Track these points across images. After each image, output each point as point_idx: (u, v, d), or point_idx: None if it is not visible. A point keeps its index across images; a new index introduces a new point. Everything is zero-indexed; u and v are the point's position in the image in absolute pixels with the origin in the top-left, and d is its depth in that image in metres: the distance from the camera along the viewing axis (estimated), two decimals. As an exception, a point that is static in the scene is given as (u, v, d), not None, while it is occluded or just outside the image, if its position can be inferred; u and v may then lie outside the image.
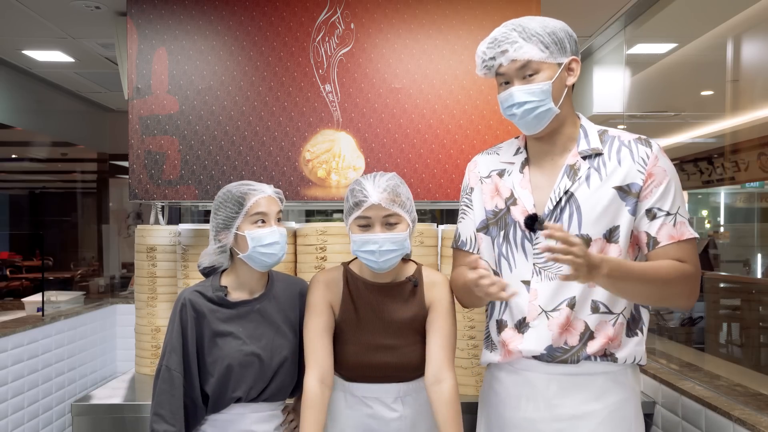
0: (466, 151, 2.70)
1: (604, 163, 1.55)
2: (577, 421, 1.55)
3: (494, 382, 1.70)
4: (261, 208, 1.73)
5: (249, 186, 1.76)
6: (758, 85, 3.94)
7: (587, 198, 1.53)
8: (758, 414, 1.76)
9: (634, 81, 4.06)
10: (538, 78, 1.52)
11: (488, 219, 1.69)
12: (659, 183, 1.52)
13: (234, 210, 1.73)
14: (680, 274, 1.49)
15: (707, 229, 7.27)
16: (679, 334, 4.49)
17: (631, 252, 1.56)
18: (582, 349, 1.54)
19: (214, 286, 1.77)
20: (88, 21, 3.32)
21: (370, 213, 1.65)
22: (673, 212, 1.51)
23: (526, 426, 1.60)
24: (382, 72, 2.71)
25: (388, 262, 1.67)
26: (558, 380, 1.57)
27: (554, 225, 1.34)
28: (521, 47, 1.51)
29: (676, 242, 1.50)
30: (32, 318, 3.05)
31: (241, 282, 1.79)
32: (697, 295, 1.53)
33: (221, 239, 1.75)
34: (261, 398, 1.74)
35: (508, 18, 1.63)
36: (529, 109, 1.53)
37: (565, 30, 1.55)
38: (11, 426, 2.67)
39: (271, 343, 1.76)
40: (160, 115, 2.71)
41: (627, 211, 1.52)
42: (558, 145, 1.61)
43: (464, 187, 1.78)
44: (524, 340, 1.58)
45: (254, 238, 1.71)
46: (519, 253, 1.60)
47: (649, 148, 1.54)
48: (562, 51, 1.53)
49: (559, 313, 1.55)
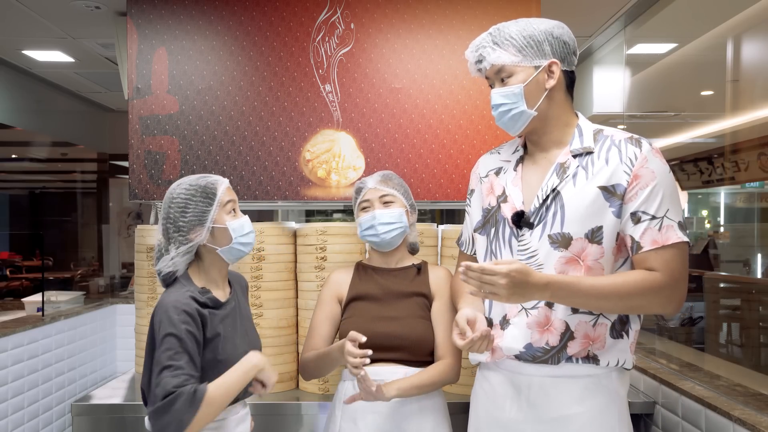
0: (466, 151, 2.70)
1: (592, 162, 1.54)
2: (558, 424, 1.54)
3: (483, 381, 1.70)
4: (230, 196, 1.68)
5: (210, 177, 1.68)
6: (758, 85, 3.94)
7: (572, 196, 1.52)
8: (758, 414, 1.76)
9: (634, 81, 4.06)
10: (511, 81, 1.55)
11: (483, 218, 1.70)
12: (645, 185, 1.48)
13: (206, 203, 1.63)
14: (646, 286, 1.45)
15: (707, 229, 7.27)
16: (679, 334, 4.49)
17: (617, 254, 1.54)
18: (563, 350, 1.53)
19: (196, 289, 1.63)
20: (88, 21, 3.32)
21: (369, 195, 1.94)
22: (660, 216, 1.47)
23: (511, 426, 1.60)
24: (382, 72, 2.71)
25: (388, 235, 1.90)
26: (539, 381, 1.56)
27: (469, 265, 1.38)
28: (493, 52, 1.55)
29: (660, 247, 1.47)
30: (32, 318, 3.05)
31: (211, 280, 1.69)
32: (677, 303, 1.49)
33: (192, 238, 1.62)
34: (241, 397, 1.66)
35: (507, 18, 1.65)
36: (503, 111, 1.57)
37: (548, 32, 1.54)
38: (11, 426, 2.67)
39: (252, 338, 1.74)
40: (160, 115, 2.71)
41: (611, 212, 1.50)
42: (546, 145, 1.61)
43: (468, 189, 1.83)
44: (504, 338, 1.59)
45: (235, 229, 1.65)
46: (506, 250, 1.61)
47: (639, 149, 1.51)
48: (539, 54, 1.53)
49: (537, 311, 1.54)
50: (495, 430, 1.64)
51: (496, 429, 1.63)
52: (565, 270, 1.52)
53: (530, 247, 1.55)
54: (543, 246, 1.53)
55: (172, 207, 1.64)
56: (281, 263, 2.40)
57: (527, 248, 1.56)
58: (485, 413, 1.67)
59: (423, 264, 2.00)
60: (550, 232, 1.53)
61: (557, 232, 1.52)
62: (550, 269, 1.52)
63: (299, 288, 2.43)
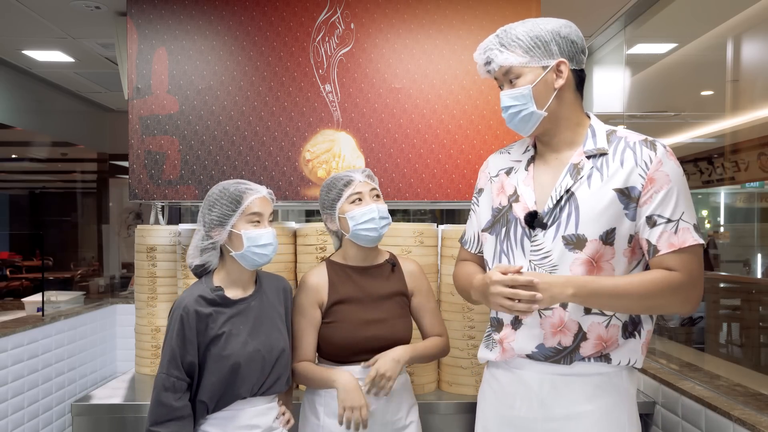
0: (466, 151, 2.70)
1: (607, 163, 1.54)
2: (569, 422, 1.55)
3: (492, 379, 1.71)
4: (257, 209, 1.76)
5: (246, 185, 1.78)
6: (758, 85, 3.94)
7: (587, 198, 1.52)
8: (758, 414, 1.76)
9: (634, 81, 4.06)
10: (519, 82, 1.55)
11: (493, 218, 1.70)
12: (660, 188, 1.48)
13: (230, 208, 1.74)
14: (666, 286, 1.46)
15: (707, 229, 7.27)
16: (679, 334, 4.49)
17: (631, 256, 1.54)
18: (575, 350, 1.54)
19: (210, 287, 1.77)
20: (88, 21, 3.32)
21: (360, 188, 1.89)
22: (675, 219, 1.48)
23: (520, 424, 1.61)
24: (382, 72, 2.71)
25: (384, 230, 1.90)
26: (551, 380, 1.57)
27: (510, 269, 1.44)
28: (501, 54, 1.55)
29: (677, 250, 1.47)
30: (32, 318, 3.05)
31: (233, 280, 1.81)
32: (695, 302, 1.49)
33: (213, 236, 1.75)
34: (260, 392, 1.77)
35: (508, 18, 1.65)
36: (513, 113, 1.57)
37: (555, 32, 1.54)
38: (11, 426, 2.67)
39: (269, 338, 1.79)
40: (160, 115, 2.71)
41: (626, 215, 1.50)
42: (557, 145, 1.61)
43: (475, 187, 1.82)
44: (517, 338, 1.60)
45: (250, 238, 1.74)
46: (518, 250, 1.61)
47: (654, 152, 1.50)
48: (547, 54, 1.53)
49: (552, 312, 1.55)
50: (504, 428, 1.64)
51: (505, 428, 1.64)
52: (579, 272, 1.52)
53: (543, 248, 1.56)
54: (557, 247, 1.54)
55: (205, 203, 1.79)
56: (281, 263, 2.40)
57: (540, 249, 1.56)
58: (494, 412, 1.68)
59: (393, 258, 2.00)
60: (564, 233, 1.53)
61: (572, 234, 1.52)
62: (565, 270, 1.52)
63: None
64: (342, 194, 1.90)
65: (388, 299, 1.91)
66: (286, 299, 1.90)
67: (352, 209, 1.88)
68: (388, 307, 1.90)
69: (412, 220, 6.08)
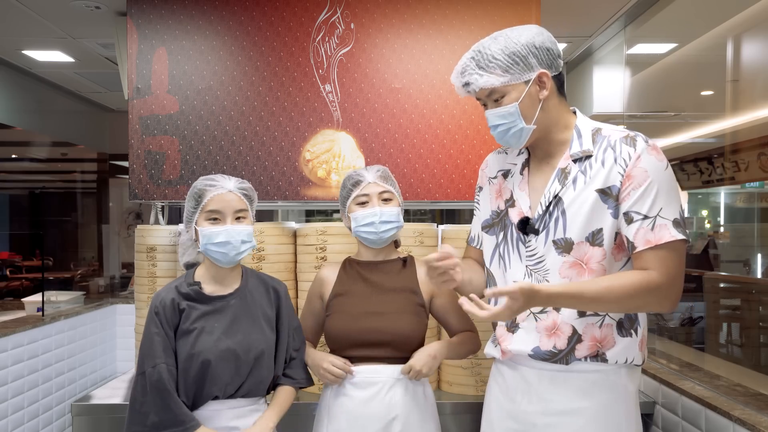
0: (466, 151, 2.70)
1: (590, 165, 1.54)
2: (565, 417, 1.57)
3: (497, 375, 1.74)
4: (214, 206, 1.73)
5: (210, 181, 1.76)
6: (758, 85, 3.94)
7: (572, 202, 1.54)
8: (758, 414, 1.76)
9: (634, 81, 4.06)
10: (505, 101, 1.54)
11: (492, 219, 1.73)
12: (638, 185, 1.48)
13: (192, 205, 1.77)
14: (643, 287, 1.45)
15: (707, 229, 7.27)
16: (679, 334, 4.49)
17: (618, 254, 1.54)
18: (571, 352, 1.55)
19: (188, 281, 1.77)
20: (88, 21, 3.32)
21: (368, 190, 1.89)
22: (652, 215, 1.47)
23: (522, 418, 1.64)
24: (382, 72, 2.71)
25: (387, 233, 1.87)
26: (550, 376, 1.59)
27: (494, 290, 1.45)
28: (480, 77, 1.53)
29: (653, 247, 1.46)
30: (32, 318, 3.05)
31: (212, 276, 1.79)
32: (673, 300, 1.49)
33: (188, 231, 1.80)
34: (239, 394, 1.73)
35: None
36: (503, 131, 1.57)
37: (530, 44, 1.52)
38: (11, 426, 2.67)
39: (248, 338, 1.74)
40: (160, 115, 2.71)
41: (609, 213, 1.51)
42: (549, 150, 1.62)
43: (476, 186, 1.84)
44: (513, 340, 1.63)
45: (205, 236, 1.73)
46: (514, 254, 1.63)
47: (633, 148, 1.50)
48: (527, 68, 1.52)
49: (546, 315, 1.57)
50: (506, 421, 1.67)
51: (507, 421, 1.67)
52: (569, 275, 1.53)
53: (537, 253, 1.58)
54: (549, 252, 1.56)
55: None
56: (281, 263, 2.40)
57: (534, 254, 1.59)
58: (497, 405, 1.71)
59: (409, 258, 1.98)
60: (554, 238, 1.55)
61: (560, 238, 1.54)
62: (556, 274, 1.54)
63: (299, 288, 2.43)
64: (351, 194, 1.91)
65: (394, 293, 1.88)
66: (278, 301, 1.85)
67: (356, 210, 1.89)
68: (393, 301, 1.87)
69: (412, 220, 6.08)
